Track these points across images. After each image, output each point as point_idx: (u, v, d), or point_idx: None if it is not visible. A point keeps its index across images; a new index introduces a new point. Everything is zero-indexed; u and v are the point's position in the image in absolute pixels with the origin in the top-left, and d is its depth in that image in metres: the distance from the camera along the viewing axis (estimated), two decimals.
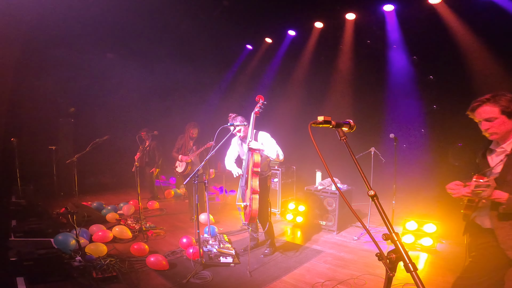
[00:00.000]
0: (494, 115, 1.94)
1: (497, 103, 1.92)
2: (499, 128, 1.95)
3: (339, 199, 4.95)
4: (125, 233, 4.67)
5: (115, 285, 3.32)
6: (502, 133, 1.96)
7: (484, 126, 1.99)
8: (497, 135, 1.98)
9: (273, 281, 3.48)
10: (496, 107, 1.92)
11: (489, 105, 1.95)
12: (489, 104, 1.94)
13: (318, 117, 1.46)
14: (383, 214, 1.24)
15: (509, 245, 1.98)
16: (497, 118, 1.93)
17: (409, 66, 6.48)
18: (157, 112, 8.63)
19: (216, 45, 7.70)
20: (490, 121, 1.96)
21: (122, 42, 7.00)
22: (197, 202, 3.83)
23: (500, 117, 1.93)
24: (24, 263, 3.24)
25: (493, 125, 1.96)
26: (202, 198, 5.27)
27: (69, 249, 3.79)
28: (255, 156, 3.67)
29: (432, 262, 3.93)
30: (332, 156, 4.85)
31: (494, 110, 1.93)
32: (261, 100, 3.76)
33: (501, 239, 2.00)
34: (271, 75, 8.37)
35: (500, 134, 1.97)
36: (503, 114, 1.92)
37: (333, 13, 6.49)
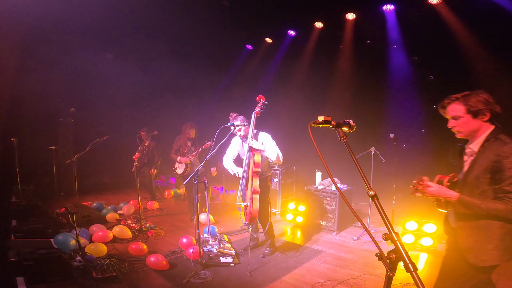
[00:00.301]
0: (459, 114, 1.92)
1: (465, 102, 1.89)
2: (463, 127, 1.93)
3: (339, 199, 4.95)
4: (125, 233, 4.67)
5: (115, 285, 3.32)
6: (467, 132, 1.94)
7: (450, 124, 1.99)
8: (462, 134, 1.97)
9: (273, 281, 3.48)
10: (463, 106, 1.90)
11: (457, 103, 1.93)
12: (457, 103, 1.93)
13: (318, 117, 1.46)
14: (383, 214, 1.24)
15: (468, 246, 1.94)
16: (462, 117, 1.91)
17: (409, 66, 6.48)
18: (157, 112, 8.63)
19: (215, 45, 7.70)
20: (455, 119, 1.95)
21: (122, 42, 7.00)
22: (197, 202, 3.83)
23: (464, 116, 1.90)
24: (24, 263, 3.23)
25: (458, 123, 1.94)
26: (202, 198, 5.27)
27: (69, 249, 3.79)
28: (256, 156, 3.67)
29: (432, 262, 3.93)
30: (332, 156, 4.85)
31: (460, 108, 1.91)
32: (262, 100, 3.76)
33: (461, 240, 1.98)
34: (271, 75, 8.37)
35: (465, 133, 1.96)
36: (468, 113, 1.89)
37: (333, 13, 6.49)
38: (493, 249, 1.83)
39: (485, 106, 1.86)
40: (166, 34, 6.94)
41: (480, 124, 1.90)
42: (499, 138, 1.83)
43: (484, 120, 1.88)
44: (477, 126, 1.90)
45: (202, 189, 5.08)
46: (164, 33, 6.88)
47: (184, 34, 6.98)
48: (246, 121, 3.89)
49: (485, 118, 1.88)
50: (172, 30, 6.85)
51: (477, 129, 1.91)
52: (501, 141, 1.81)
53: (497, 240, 1.82)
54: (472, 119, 1.89)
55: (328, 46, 7.30)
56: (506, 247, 1.82)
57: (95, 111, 7.82)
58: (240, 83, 8.69)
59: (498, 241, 1.82)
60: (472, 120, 1.89)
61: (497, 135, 1.85)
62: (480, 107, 1.86)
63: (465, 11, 5.30)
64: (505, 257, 1.83)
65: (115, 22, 6.08)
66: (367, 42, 6.81)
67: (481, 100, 1.86)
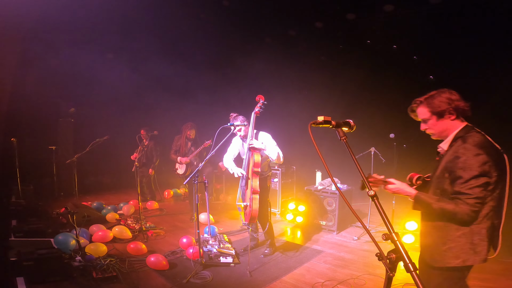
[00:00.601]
0: (426, 117, 1.90)
1: (429, 104, 1.87)
2: (434, 129, 1.92)
3: (339, 199, 4.95)
4: (125, 233, 4.67)
5: (115, 285, 3.32)
6: (438, 133, 1.93)
7: (422, 127, 1.98)
8: (435, 135, 1.96)
9: (273, 281, 3.48)
10: (427, 108, 1.88)
11: (422, 106, 1.91)
12: (422, 106, 1.91)
13: (318, 117, 1.47)
14: (383, 214, 1.24)
15: (426, 245, 1.95)
16: (429, 119, 1.90)
17: (409, 66, 6.47)
18: (155, 111, 8.62)
19: (214, 44, 7.70)
20: (425, 122, 1.94)
21: (122, 42, 6.99)
22: (197, 202, 3.83)
23: (431, 118, 1.89)
24: (24, 263, 3.24)
25: (428, 125, 1.93)
26: (202, 198, 5.27)
27: (69, 249, 3.79)
28: (256, 156, 3.67)
29: None
30: (332, 156, 4.85)
31: (426, 111, 1.89)
32: (262, 100, 3.77)
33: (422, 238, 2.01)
34: (270, 75, 8.37)
35: (437, 135, 1.94)
36: (433, 115, 1.87)
37: (333, 13, 6.48)
38: (446, 250, 1.80)
39: (448, 106, 1.82)
40: (163, 33, 6.92)
41: (449, 123, 1.86)
42: (464, 137, 1.79)
43: (452, 119, 1.85)
44: (446, 126, 1.88)
45: (202, 189, 5.09)
46: (161, 32, 6.87)
47: (179, 32, 6.97)
48: (246, 121, 3.90)
49: (452, 117, 1.84)
50: (167, 28, 6.82)
51: (447, 129, 1.88)
52: (462, 140, 1.78)
53: (451, 241, 1.79)
54: (439, 120, 1.87)
55: (328, 46, 7.30)
56: (459, 250, 1.77)
57: (95, 111, 7.82)
58: (239, 83, 8.68)
59: (452, 242, 1.79)
60: (439, 121, 1.87)
61: (465, 134, 1.81)
62: (444, 107, 1.83)
63: (464, 11, 5.30)
64: (457, 260, 1.78)
65: (115, 21, 6.08)
66: (367, 42, 6.81)
67: (443, 100, 1.83)
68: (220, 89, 8.69)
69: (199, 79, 8.47)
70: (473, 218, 1.72)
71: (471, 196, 1.68)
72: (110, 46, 7.29)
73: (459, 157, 1.73)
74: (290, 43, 7.80)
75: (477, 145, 1.72)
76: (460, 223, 1.76)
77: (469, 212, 1.68)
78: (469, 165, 1.69)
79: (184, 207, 6.55)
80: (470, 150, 1.71)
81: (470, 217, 1.70)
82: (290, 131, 7.12)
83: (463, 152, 1.72)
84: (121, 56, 7.46)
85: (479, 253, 1.76)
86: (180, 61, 7.57)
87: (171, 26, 6.78)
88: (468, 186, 1.69)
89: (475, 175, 1.68)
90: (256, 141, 3.69)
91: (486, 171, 1.68)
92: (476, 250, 1.76)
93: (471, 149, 1.71)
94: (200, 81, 8.53)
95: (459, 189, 1.72)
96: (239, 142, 4.14)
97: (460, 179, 1.72)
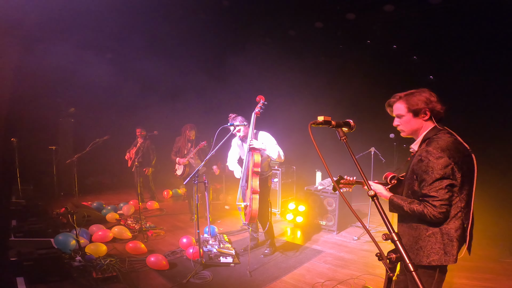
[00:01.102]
0: (401, 113, 1.91)
1: (407, 100, 1.88)
2: (405, 126, 1.93)
3: (339, 199, 4.95)
4: (125, 233, 4.67)
5: (115, 285, 3.33)
6: (409, 131, 1.95)
7: (395, 123, 1.99)
8: (404, 132, 1.97)
9: (273, 281, 3.48)
10: (404, 104, 1.89)
11: (400, 102, 1.91)
12: (401, 101, 1.91)
13: (318, 117, 1.47)
14: (383, 214, 1.24)
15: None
16: (404, 116, 1.90)
17: (409, 66, 6.47)
18: (157, 112, 8.61)
19: (214, 44, 7.69)
20: (399, 118, 1.95)
21: (121, 42, 6.99)
22: (197, 202, 3.83)
23: (406, 115, 1.89)
24: (24, 263, 3.24)
25: (401, 122, 1.94)
26: (202, 197, 5.27)
27: (69, 249, 3.79)
28: (255, 156, 3.67)
29: None
30: (332, 156, 4.85)
31: (402, 107, 1.90)
32: (262, 100, 3.77)
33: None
34: (270, 75, 8.36)
35: (407, 132, 1.96)
36: (409, 112, 1.87)
37: (333, 13, 6.48)
38: (418, 249, 1.85)
39: (425, 105, 1.84)
40: (161, 32, 6.91)
41: (421, 123, 1.88)
42: (430, 139, 1.82)
43: (425, 119, 1.87)
44: (418, 125, 1.89)
45: (202, 189, 5.09)
46: (159, 31, 6.85)
47: (177, 32, 6.96)
48: (246, 121, 3.90)
49: (425, 117, 1.86)
50: (166, 27, 6.81)
51: (419, 128, 1.90)
52: (427, 143, 1.81)
53: (422, 241, 1.84)
54: (413, 118, 1.88)
55: (328, 46, 7.29)
56: (430, 249, 1.81)
57: (95, 111, 7.81)
58: (239, 83, 8.68)
59: (423, 242, 1.83)
60: (413, 119, 1.88)
61: (433, 135, 1.83)
62: (421, 106, 1.84)
63: (465, 11, 5.30)
64: (428, 259, 1.81)
65: (116, 20, 6.07)
66: (367, 42, 6.81)
67: (422, 99, 1.85)
68: (220, 89, 8.68)
69: (199, 80, 8.46)
70: (441, 219, 1.75)
71: (436, 199, 1.71)
72: (110, 46, 7.28)
73: (423, 161, 1.76)
74: (290, 43, 7.80)
75: (440, 147, 1.74)
76: (430, 224, 1.80)
77: (436, 213, 1.71)
78: (431, 168, 1.72)
79: (184, 207, 6.55)
80: (432, 153, 1.73)
81: (437, 218, 1.73)
82: (290, 131, 7.12)
83: (426, 156, 1.75)
84: (122, 56, 7.46)
85: (449, 253, 1.79)
86: (180, 61, 7.56)
87: (170, 27, 6.77)
88: (433, 188, 1.72)
89: (438, 178, 1.71)
90: (256, 141, 3.69)
91: (448, 174, 1.71)
92: (446, 250, 1.79)
93: (433, 152, 1.73)
94: (200, 82, 8.53)
95: (425, 192, 1.75)
96: (238, 143, 4.15)
97: (424, 182, 1.75)
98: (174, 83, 8.14)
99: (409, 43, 6.29)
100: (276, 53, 8.01)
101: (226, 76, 8.54)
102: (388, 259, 1.22)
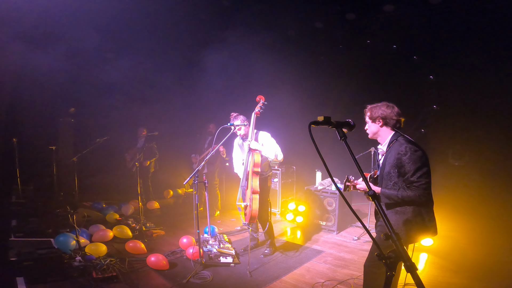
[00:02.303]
0: (366, 119, 2.51)
1: (370, 110, 2.46)
2: (369, 130, 2.50)
3: (339, 199, 4.95)
4: (125, 233, 4.67)
5: (115, 285, 3.33)
6: (371, 134, 2.51)
7: (366, 127, 2.54)
8: (369, 135, 2.52)
9: (273, 281, 3.48)
10: (368, 113, 2.48)
11: (367, 110, 2.50)
12: (367, 110, 2.50)
13: (318, 117, 1.47)
14: (383, 214, 1.24)
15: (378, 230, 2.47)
16: (367, 122, 2.50)
17: (409, 66, 6.47)
18: (158, 112, 8.61)
19: (214, 45, 7.69)
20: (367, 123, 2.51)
21: (121, 42, 6.98)
22: (197, 202, 3.83)
23: (368, 121, 2.49)
24: (24, 263, 3.24)
25: (367, 127, 2.52)
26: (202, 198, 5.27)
27: (69, 249, 3.79)
28: (256, 156, 3.67)
29: (432, 262, 3.93)
30: (332, 156, 4.85)
31: (367, 115, 2.50)
32: (262, 100, 3.78)
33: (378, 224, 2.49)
34: (270, 75, 8.36)
35: (370, 135, 2.52)
36: (369, 119, 2.48)
37: (333, 13, 6.48)
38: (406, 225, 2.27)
39: (379, 115, 2.40)
40: (161, 32, 6.90)
41: (378, 129, 2.44)
42: (398, 140, 2.33)
43: (380, 125, 2.42)
44: (376, 129, 2.45)
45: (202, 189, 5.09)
46: (159, 30, 6.85)
47: (178, 32, 6.95)
48: (247, 121, 3.90)
49: (380, 124, 2.41)
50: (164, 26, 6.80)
51: (377, 132, 2.46)
52: (399, 143, 2.31)
53: (410, 219, 2.26)
54: (371, 124, 2.47)
55: (327, 46, 7.29)
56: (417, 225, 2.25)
57: (95, 111, 7.80)
58: (238, 82, 8.67)
59: (411, 219, 2.26)
60: (372, 124, 2.47)
61: (397, 138, 2.35)
62: (376, 115, 2.42)
63: (464, 11, 5.30)
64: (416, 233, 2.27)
65: (119, 21, 6.07)
66: (367, 42, 6.80)
67: (379, 110, 2.41)
68: (220, 89, 8.68)
69: (198, 80, 8.46)
70: (428, 199, 2.23)
71: (421, 183, 2.19)
72: (110, 46, 7.28)
73: (405, 154, 2.22)
74: (289, 43, 7.79)
75: (414, 144, 2.28)
76: (418, 205, 2.24)
77: (423, 194, 2.19)
78: (413, 160, 2.21)
79: (184, 207, 6.54)
80: (410, 148, 2.23)
81: (426, 197, 2.21)
82: (290, 131, 7.12)
83: (405, 151, 2.23)
84: (122, 56, 7.45)
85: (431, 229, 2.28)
86: (180, 62, 7.55)
87: (173, 25, 6.76)
88: (417, 175, 2.20)
89: (419, 166, 2.20)
90: (254, 143, 3.70)
91: (425, 163, 2.24)
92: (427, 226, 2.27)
93: (411, 147, 2.24)
94: (199, 82, 8.52)
95: (411, 179, 2.21)
96: (239, 143, 4.16)
97: (409, 172, 2.21)
98: (173, 83, 8.13)
99: (409, 43, 6.28)
100: (276, 53, 8.00)
101: (226, 76, 8.54)
102: (388, 259, 1.23)
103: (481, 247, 4.15)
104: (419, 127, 6.56)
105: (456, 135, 5.78)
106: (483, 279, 3.40)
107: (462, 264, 3.78)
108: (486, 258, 3.88)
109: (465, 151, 5.73)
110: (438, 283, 3.39)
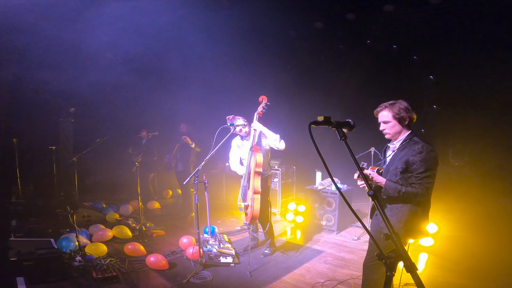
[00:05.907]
0: (388, 119, 2.36)
1: (392, 109, 2.34)
2: (391, 130, 2.39)
3: (339, 199, 4.95)
4: (125, 233, 4.67)
5: (115, 285, 3.33)
6: (393, 134, 2.40)
7: (381, 128, 2.45)
8: (389, 135, 2.42)
9: (273, 281, 3.48)
10: (391, 113, 2.35)
11: (386, 110, 2.37)
12: (387, 110, 2.37)
13: (318, 117, 1.46)
14: (383, 214, 1.24)
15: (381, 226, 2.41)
16: (390, 122, 2.36)
17: (409, 66, 6.47)
18: (158, 112, 8.61)
19: (213, 45, 7.67)
20: (385, 124, 2.39)
21: (121, 42, 6.97)
22: (197, 202, 3.83)
23: (392, 121, 2.35)
24: (24, 263, 3.24)
25: (387, 127, 2.40)
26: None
27: (69, 249, 3.79)
28: (258, 156, 3.67)
29: (432, 262, 3.93)
30: (332, 156, 4.85)
31: (389, 115, 2.36)
32: (264, 100, 3.78)
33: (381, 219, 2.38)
34: (270, 75, 8.36)
35: (391, 135, 2.41)
36: (394, 119, 2.34)
37: (333, 13, 6.47)
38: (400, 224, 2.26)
39: (406, 113, 2.33)
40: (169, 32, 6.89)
41: (402, 128, 2.37)
42: (413, 139, 2.31)
43: (404, 124, 2.35)
44: (400, 129, 2.37)
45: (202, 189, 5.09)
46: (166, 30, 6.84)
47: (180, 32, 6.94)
48: (246, 121, 3.92)
49: (405, 122, 2.35)
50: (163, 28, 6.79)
51: (400, 132, 2.37)
52: (414, 141, 2.28)
53: (405, 217, 2.26)
54: (397, 124, 2.36)
55: (327, 46, 7.28)
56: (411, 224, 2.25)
57: (95, 111, 7.80)
58: (238, 82, 8.67)
59: (406, 217, 2.26)
60: (397, 124, 2.36)
61: (412, 137, 2.32)
62: (403, 114, 2.32)
63: (465, 11, 5.30)
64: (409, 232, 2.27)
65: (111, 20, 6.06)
66: (367, 42, 6.80)
67: (403, 108, 2.33)
68: (219, 89, 8.68)
69: (198, 81, 8.45)
70: (427, 199, 2.26)
71: (426, 182, 2.19)
72: (110, 46, 7.27)
73: (421, 153, 2.20)
74: (289, 43, 7.79)
75: (430, 144, 2.25)
76: (416, 205, 2.25)
77: (425, 193, 2.20)
78: (426, 159, 2.19)
79: (184, 207, 6.54)
80: (427, 148, 2.21)
81: (426, 198, 2.23)
82: (290, 131, 7.12)
83: (422, 149, 2.21)
84: (121, 56, 7.44)
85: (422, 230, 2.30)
86: (180, 62, 7.54)
87: (176, 25, 6.75)
88: (425, 174, 2.19)
89: (430, 167, 2.20)
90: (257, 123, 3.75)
91: (435, 165, 2.23)
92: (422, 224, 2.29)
93: (427, 147, 2.22)
94: (200, 83, 8.52)
95: (418, 176, 2.20)
96: (238, 143, 4.16)
97: (419, 169, 2.20)
98: (173, 84, 8.13)
99: (409, 43, 6.27)
100: (276, 53, 8.00)
101: (226, 76, 8.55)
102: (388, 259, 1.23)
103: (481, 247, 4.14)
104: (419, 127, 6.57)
105: (456, 135, 5.78)
106: (483, 279, 3.39)
107: (462, 264, 3.78)
108: (486, 258, 3.87)
109: (465, 151, 5.73)
110: (438, 283, 3.39)
